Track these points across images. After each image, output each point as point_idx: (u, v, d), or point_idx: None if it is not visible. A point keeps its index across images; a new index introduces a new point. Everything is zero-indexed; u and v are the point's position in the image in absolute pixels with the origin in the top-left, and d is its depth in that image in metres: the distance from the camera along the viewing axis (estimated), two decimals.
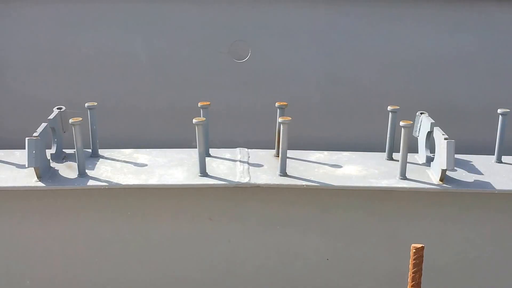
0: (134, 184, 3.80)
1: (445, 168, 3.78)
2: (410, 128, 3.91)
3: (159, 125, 6.16)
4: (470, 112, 6.21)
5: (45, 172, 3.84)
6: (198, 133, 4.02)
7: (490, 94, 6.15)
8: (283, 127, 4.11)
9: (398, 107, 4.39)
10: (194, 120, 3.99)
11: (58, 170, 3.97)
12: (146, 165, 4.09)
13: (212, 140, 6.06)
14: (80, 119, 3.92)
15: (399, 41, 6.11)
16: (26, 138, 3.74)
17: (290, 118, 4.09)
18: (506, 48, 6.12)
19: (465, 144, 6.09)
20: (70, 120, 3.95)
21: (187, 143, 6.18)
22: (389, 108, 4.39)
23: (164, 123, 6.15)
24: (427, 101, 6.09)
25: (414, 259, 2.58)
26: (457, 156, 4.10)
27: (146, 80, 6.07)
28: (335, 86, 6.17)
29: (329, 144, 6.09)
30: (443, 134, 4.01)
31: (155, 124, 6.17)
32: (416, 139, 4.49)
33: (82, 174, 3.90)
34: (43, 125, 4.15)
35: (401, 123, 3.85)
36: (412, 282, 2.61)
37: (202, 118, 4.08)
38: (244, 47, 6.09)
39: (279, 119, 4.19)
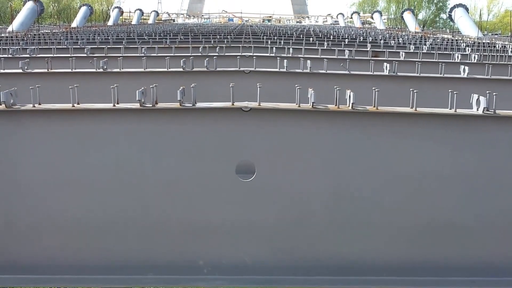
0: None
1: None
2: None
3: (168, 241, 6.31)
4: (470, 230, 6.34)
5: None
6: None
7: (490, 213, 6.28)
8: None
9: None
10: None
11: None
12: None
13: (218, 258, 6.22)
14: None
15: (400, 156, 6.30)
16: None
17: None
18: (505, 167, 6.27)
19: (465, 262, 6.23)
20: None
21: (194, 261, 6.34)
22: None
23: (172, 240, 6.31)
24: (429, 218, 6.24)
25: None
26: None
27: (155, 197, 6.24)
28: (339, 203, 6.34)
29: (333, 264, 6.23)
30: None
31: (163, 240, 6.32)
32: None
33: None
34: None
35: None
36: None
37: None
38: (249, 166, 6.27)
39: None
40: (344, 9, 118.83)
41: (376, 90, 6.28)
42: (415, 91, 6.31)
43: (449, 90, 6.40)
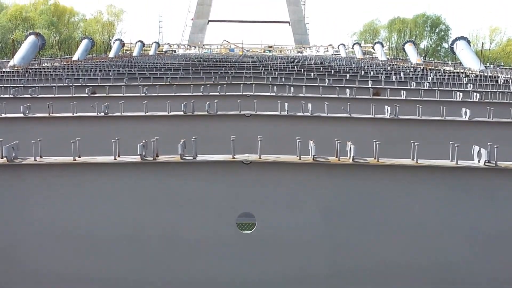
0: None
1: None
2: None
3: None
4: (472, 282, 6.30)
5: None
6: None
7: (494, 266, 6.25)
8: None
9: None
10: None
11: None
12: None
13: None
14: None
15: (402, 208, 6.28)
16: None
17: None
18: (508, 219, 6.25)
19: None
20: None
21: None
22: None
23: None
24: (431, 268, 6.20)
25: None
26: None
27: (156, 251, 6.22)
28: (341, 256, 6.30)
29: None
30: None
31: None
32: None
33: None
34: None
35: None
36: None
37: None
38: (251, 218, 6.25)
39: None
40: (345, 38, 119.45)
41: (377, 142, 6.28)
42: (416, 143, 6.30)
43: (450, 142, 6.40)
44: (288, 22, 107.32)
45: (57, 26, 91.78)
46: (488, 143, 6.27)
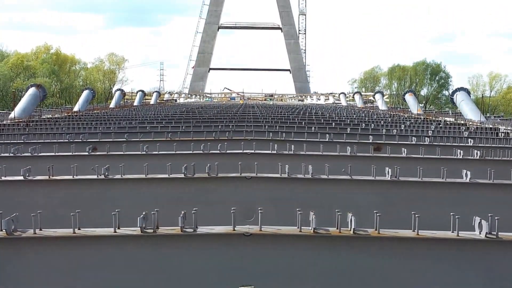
0: None
1: None
2: None
3: None
4: None
5: None
6: None
7: None
8: None
9: None
10: None
11: None
12: None
13: None
14: None
15: (403, 281, 6.24)
16: None
17: None
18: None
19: None
20: None
21: None
22: None
23: None
24: None
25: None
26: None
27: None
28: None
29: None
30: None
31: None
32: None
33: None
34: None
35: None
36: None
37: None
38: None
39: None
40: (346, 86, 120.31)
41: (378, 214, 6.26)
42: (416, 215, 6.28)
43: (451, 213, 6.38)
44: (289, 70, 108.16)
45: (58, 75, 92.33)
46: (489, 214, 6.25)
